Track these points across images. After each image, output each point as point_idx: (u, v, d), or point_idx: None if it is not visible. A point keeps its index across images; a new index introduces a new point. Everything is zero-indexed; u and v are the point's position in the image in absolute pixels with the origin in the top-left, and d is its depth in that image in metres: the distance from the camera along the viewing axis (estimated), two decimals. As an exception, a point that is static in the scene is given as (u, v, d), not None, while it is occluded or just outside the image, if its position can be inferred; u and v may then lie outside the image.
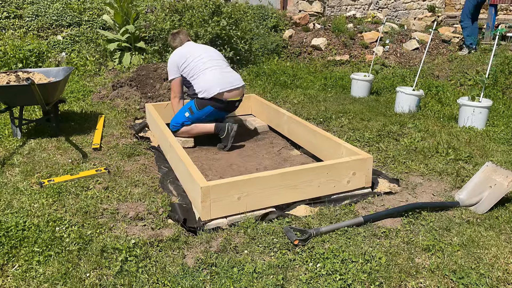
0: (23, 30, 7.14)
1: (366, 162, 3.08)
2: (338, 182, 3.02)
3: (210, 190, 2.61)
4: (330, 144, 3.48)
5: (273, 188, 2.81)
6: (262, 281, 2.13)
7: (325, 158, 3.53)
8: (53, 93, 3.99)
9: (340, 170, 3.00)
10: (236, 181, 2.70)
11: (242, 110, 4.95)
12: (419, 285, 2.11)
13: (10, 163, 3.46)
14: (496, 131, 4.32)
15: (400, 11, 11.23)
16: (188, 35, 4.40)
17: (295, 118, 4.08)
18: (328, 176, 2.97)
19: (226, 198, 2.67)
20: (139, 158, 3.66)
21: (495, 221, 2.67)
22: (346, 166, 3.01)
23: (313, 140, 3.73)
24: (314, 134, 3.70)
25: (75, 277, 2.14)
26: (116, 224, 2.63)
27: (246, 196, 2.72)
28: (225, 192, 2.66)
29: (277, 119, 4.41)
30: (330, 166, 2.98)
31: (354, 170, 3.04)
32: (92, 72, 6.63)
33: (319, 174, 2.94)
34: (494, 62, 6.19)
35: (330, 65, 7.61)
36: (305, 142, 3.89)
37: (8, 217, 2.61)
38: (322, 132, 3.63)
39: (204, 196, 2.60)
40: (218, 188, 2.64)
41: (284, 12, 9.36)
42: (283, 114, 4.27)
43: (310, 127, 3.79)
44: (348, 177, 3.04)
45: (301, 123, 3.95)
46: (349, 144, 3.35)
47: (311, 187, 2.93)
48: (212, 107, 3.95)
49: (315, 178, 2.93)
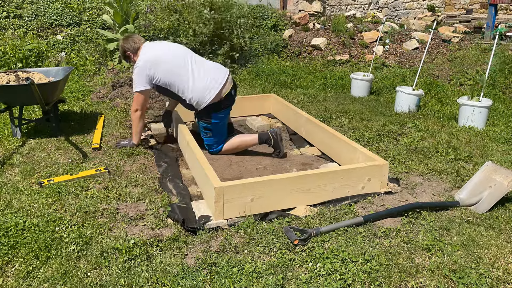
0: (23, 30, 7.13)
1: (382, 168, 3.05)
2: (353, 188, 3.00)
3: (224, 190, 2.62)
4: (347, 148, 3.46)
5: (286, 191, 2.80)
6: (262, 281, 2.13)
7: (341, 162, 3.53)
8: (52, 92, 3.98)
9: (355, 176, 2.98)
10: (250, 182, 2.71)
11: (261, 110, 4.95)
12: (419, 285, 2.11)
13: (10, 163, 3.46)
14: (496, 131, 4.32)
15: (400, 11, 11.23)
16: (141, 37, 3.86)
17: (313, 120, 4.06)
18: (343, 181, 2.95)
19: (239, 199, 2.67)
20: (138, 158, 3.66)
21: (495, 220, 2.67)
22: (362, 172, 2.99)
23: (330, 143, 3.72)
24: (331, 137, 3.69)
25: (75, 277, 2.14)
26: (116, 224, 2.63)
27: (259, 198, 2.73)
28: (238, 193, 2.67)
29: (295, 120, 4.41)
30: (345, 171, 2.96)
31: (369, 176, 3.02)
32: (92, 72, 6.63)
33: (334, 178, 2.92)
34: (494, 62, 6.19)
35: (330, 64, 7.61)
36: (322, 144, 3.88)
37: (8, 217, 2.61)
38: (340, 136, 3.61)
39: (217, 196, 2.61)
40: (232, 189, 2.64)
41: (284, 11, 9.36)
42: (301, 116, 4.26)
43: (328, 130, 3.77)
44: (363, 182, 3.02)
45: (319, 125, 3.92)
46: (365, 149, 3.33)
47: (325, 192, 2.91)
48: (215, 113, 3.68)
49: (330, 183, 2.91)
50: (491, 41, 7.91)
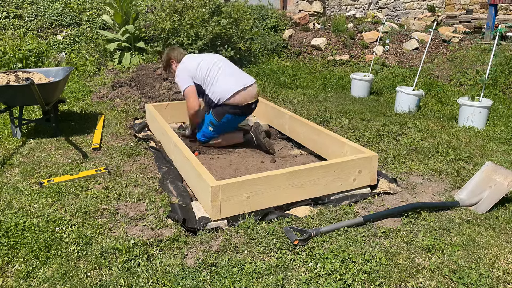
0: (23, 30, 7.14)
1: (372, 160, 3.08)
2: (345, 181, 3.03)
3: (220, 189, 2.61)
4: (334, 142, 3.48)
5: (282, 187, 2.81)
6: (262, 281, 2.13)
7: (329, 157, 3.54)
8: (52, 93, 3.99)
9: (346, 169, 3.01)
10: (246, 180, 2.70)
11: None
12: (419, 285, 2.11)
13: (10, 163, 3.46)
14: (496, 131, 4.32)
15: (400, 11, 11.23)
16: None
17: (297, 117, 4.07)
18: (335, 175, 2.98)
19: (235, 197, 2.67)
20: (138, 158, 3.66)
21: (495, 221, 2.67)
22: (352, 164, 3.02)
23: (316, 138, 3.73)
24: (318, 133, 3.71)
25: (75, 277, 2.14)
26: (116, 224, 2.63)
27: (255, 195, 2.73)
28: (235, 191, 2.66)
29: (278, 118, 4.40)
30: (337, 164, 2.98)
31: (360, 168, 3.05)
32: (92, 72, 6.63)
33: (327, 172, 2.94)
34: (494, 62, 6.19)
35: (330, 65, 7.61)
36: (308, 141, 3.89)
37: (8, 217, 2.61)
38: (325, 131, 3.64)
39: (214, 196, 2.60)
40: (228, 188, 2.64)
41: (284, 12, 9.36)
42: (284, 114, 4.26)
43: (313, 126, 3.79)
44: (354, 175, 3.05)
45: (303, 122, 3.95)
46: (352, 142, 3.35)
47: (318, 186, 2.94)
48: (230, 115, 3.85)
49: (322, 177, 2.94)
50: (491, 41, 7.91)
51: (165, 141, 3.83)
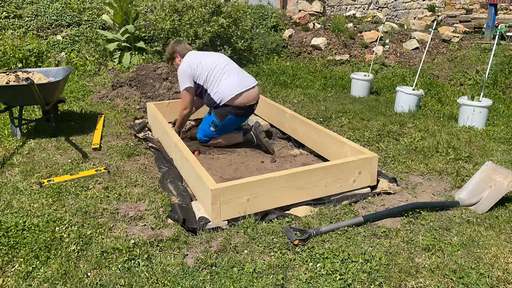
0: (23, 30, 7.13)
1: (372, 161, 3.08)
2: (345, 182, 3.02)
3: (220, 192, 2.61)
4: (334, 142, 3.48)
5: (282, 189, 2.80)
6: (262, 281, 2.13)
7: (329, 157, 3.54)
8: (52, 93, 3.99)
9: (346, 170, 3.00)
10: (246, 182, 2.70)
11: None
12: (419, 285, 2.11)
13: (10, 163, 3.46)
14: (496, 131, 4.32)
15: (400, 11, 11.23)
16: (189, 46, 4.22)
17: (298, 116, 4.07)
18: (335, 176, 2.97)
19: (235, 200, 2.66)
20: (138, 158, 3.66)
21: (495, 220, 2.67)
22: (353, 166, 3.01)
23: (317, 138, 3.73)
24: (318, 132, 3.70)
25: (75, 277, 2.14)
26: (116, 224, 2.63)
27: (255, 197, 2.72)
28: (235, 194, 2.66)
29: (279, 117, 4.40)
30: (337, 165, 2.97)
31: (360, 169, 3.04)
32: (92, 72, 6.63)
33: (327, 174, 2.93)
34: (494, 61, 6.19)
35: (330, 64, 7.61)
36: (308, 140, 3.88)
37: (8, 217, 2.61)
38: (326, 131, 3.63)
39: (214, 199, 2.59)
40: (228, 190, 2.63)
41: (284, 11, 9.36)
42: (285, 112, 4.26)
43: (314, 126, 3.79)
44: (354, 176, 3.04)
45: (304, 121, 3.94)
46: (352, 142, 3.35)
47: (318, 187, 2.93)
48: (232, 116, 3.87)
49: (322, 178, 2.93)
50: (491, 41, 7.91)
51: (165, 140, 3.83)
